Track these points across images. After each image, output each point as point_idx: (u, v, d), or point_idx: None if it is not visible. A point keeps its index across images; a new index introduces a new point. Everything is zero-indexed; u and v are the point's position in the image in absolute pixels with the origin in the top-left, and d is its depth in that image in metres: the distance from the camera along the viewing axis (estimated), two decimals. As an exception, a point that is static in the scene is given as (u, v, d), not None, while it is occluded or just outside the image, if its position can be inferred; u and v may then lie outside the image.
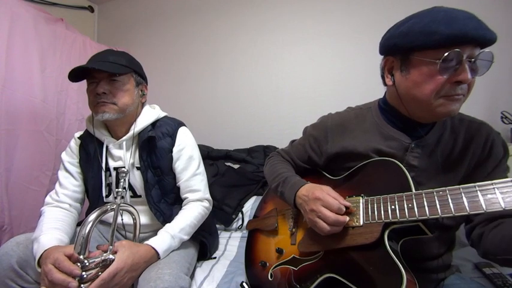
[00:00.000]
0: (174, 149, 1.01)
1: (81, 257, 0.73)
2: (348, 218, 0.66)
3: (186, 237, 0.94)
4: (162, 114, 1.08)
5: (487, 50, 0.58)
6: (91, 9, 2.44)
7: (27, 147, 1.49)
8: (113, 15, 2.47)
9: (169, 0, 2.23)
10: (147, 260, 0.82)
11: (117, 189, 0.82)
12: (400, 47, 0.64)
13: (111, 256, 0.75)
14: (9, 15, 1.42)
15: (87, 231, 0.73)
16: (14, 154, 1.43)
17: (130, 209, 0.89)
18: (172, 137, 1.02)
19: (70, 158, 1.03)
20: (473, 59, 0.57)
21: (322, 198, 0.67)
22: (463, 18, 0.56)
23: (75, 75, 0.92)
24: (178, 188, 1.04)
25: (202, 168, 1.08)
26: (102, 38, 2.44)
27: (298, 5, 1.83)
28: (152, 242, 0.85)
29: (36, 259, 0.77)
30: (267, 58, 1.93)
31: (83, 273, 0.71)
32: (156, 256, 0.84)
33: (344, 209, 0.66)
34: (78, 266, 0.71)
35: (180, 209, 1.02)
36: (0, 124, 1.38)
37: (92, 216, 0.75)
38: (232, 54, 2.03)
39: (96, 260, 0.74)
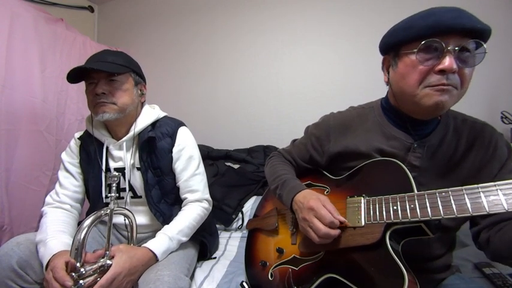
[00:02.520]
0: (174, 149, 1.01)
1: (78, 264, 0.73)
2: (339, 231, 0.66)
3: (184, 239, 0.94)
4: (162, 114, 1.07)
5: (472, 40, 0.58)
6: (91, 9, 2.44)
7: (27, 147, 1.48)
8: (113, 15, 2.46)
9: (169, 0, 2.23)
10: (145, 263, 0.81)
11: (110, 194, 0.83)
12: (389, 45, 0.69)
13: (108, 261, 0.75)
14: (9, 15, 1.41)
15: (82, 237, 0.73)
16: (14, 154, 1.43)
17: (125, 212, 0.88)
18: (172, 137, 1.01)
19: (70, 158, 1.03)
20: (457, 48, 0.57)
21: (316, 209, 0.67)
22: (443, 12, 0.59)
23: (74, 76, 0.92)
24: (178, 188, 1.04)
25: (202, 168, 1.08)
26: (102, 38, 2.43)
27: (298, 5, 1.83)
28: (150, 244, 0.85)
29: (44, 264, 0.77)
30: (267, 58, 1.93)
31: (81, 281, 0.71)
32: (154, 259, 0.84)
33: (338, 223, 0.66)
34: (74, 276, 0.71)
35: (180, 209, 1.02)
36: (0, 124, 1.37)
37: (87, 222, 0.75)
38: (232, 54, 2.03)
39: (93, 266, 0.74)
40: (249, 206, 1.52)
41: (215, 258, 1.15)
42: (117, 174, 0.89)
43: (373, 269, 0.61)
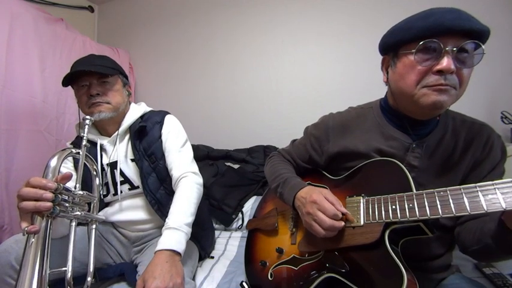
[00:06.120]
0: (163, 132, 1.06)
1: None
2: (343, 223, 0.66)
3: (191, 219, 0.90)
4: (148, 108, 1.14)
5: (471, 41, 0.58)
6: (91, 9, 2.44)
7: (27, 147, 1.48)
8: (113, 15, 2.46)
9: (169, 1, 2.23)
10: (169, 260, 0.78)
11: (83, 135, 0.82)
12: (388, 45, 0.69)
13: (80, 192, 0.75)
14: (9, 15, 1.41)
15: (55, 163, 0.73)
16: (14, 154, 1.43)
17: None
18: (161, 123, 1.08)
19: (64, 164, 1.02)
20: (455, 49, 0.58)
21: (319, 202, 0.67)
22: (443, 12, 0.59)
23: (66, 80, 0.96)
24: None
25: (188, 146, 1.10)
26: (102, 38, 2.44)
27: (298, 5, 1.83)
28: (158, 246, 0.81)
29: None
30: (267, 58, 1.93)
31: (59, 195, 0.68)
32: (172, 254, 0.80)
33: (340, 215, 0.66)
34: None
35: None
36: (0, 124, 1.37)
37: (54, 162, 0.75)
38: (232, 54, 2.03)
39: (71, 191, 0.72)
40: (249, 206, 1.51)
41: (213, 257, 1.15)
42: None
43: (372, 269, 0.61)
